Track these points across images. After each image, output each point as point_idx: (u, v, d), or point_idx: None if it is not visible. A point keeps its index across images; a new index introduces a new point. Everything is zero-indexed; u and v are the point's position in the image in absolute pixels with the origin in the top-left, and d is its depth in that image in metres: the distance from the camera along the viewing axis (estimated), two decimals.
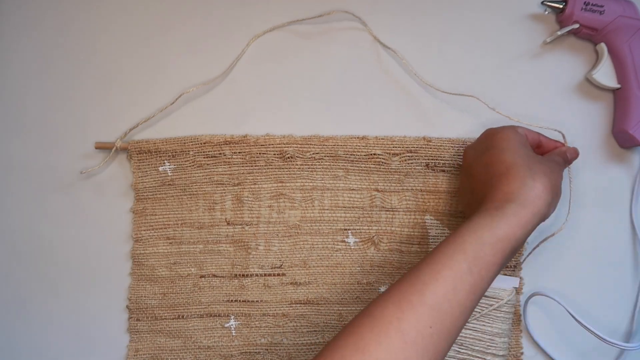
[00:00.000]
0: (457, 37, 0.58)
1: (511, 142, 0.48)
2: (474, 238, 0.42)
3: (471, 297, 0.41)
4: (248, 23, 0.59)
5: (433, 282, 0.40)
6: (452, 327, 0.40)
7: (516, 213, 0.43)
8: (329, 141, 0.56)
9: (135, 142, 0.57)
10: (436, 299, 0.39)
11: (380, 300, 0.40)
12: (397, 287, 0.41)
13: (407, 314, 0.39)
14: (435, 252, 0.42)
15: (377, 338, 0.38)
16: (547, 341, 0.57)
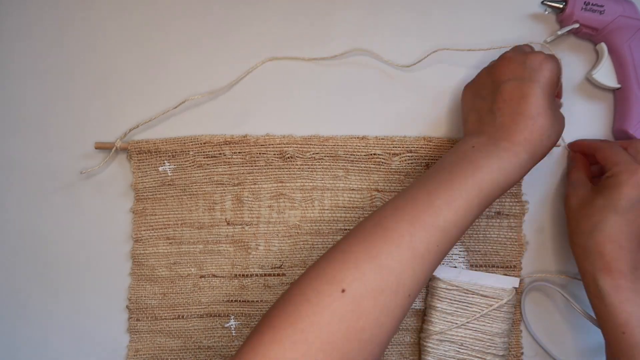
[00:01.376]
0: (457, 37, 0.58)
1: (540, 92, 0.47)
2: (490, 179, 0.44)
3: (471, 223, 0.44)
4: (249, 22, 0.59)
5: (447, 208, 0.42)
6: (452, 246, 0.44)
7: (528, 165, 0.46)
8: (329, 141, 0.56)
9: (135, 142, 0.57)
10: (447, 224, 0.42)
11: (394, 214, 0.43)
12: (412, 204, 0.43)
13: (419, 232, 0.41)
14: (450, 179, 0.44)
15: (389, 248, 0.41)
16: (545, 337, 0.57)
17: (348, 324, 0.38)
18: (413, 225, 0.42)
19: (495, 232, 0.57)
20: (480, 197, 0.43)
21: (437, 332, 0.55)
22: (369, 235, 0.42)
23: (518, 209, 0.57)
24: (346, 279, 0.39)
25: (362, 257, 0.40)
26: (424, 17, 0.59)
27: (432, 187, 0.44)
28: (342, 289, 0.39)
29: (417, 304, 0.57)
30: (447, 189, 0.43)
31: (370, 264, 0.40)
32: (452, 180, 0.44)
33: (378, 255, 0.40)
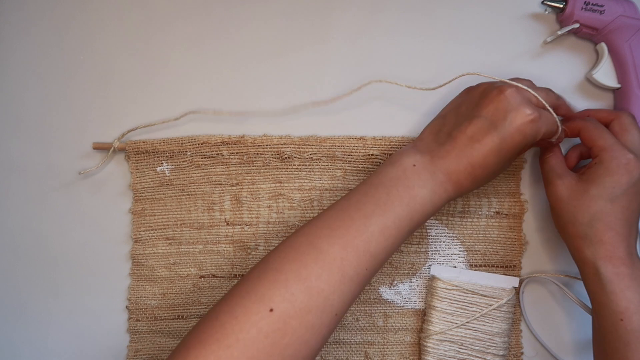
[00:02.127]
0: (457, 36, 0.58)
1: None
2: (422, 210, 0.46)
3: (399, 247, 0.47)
4: (249, 22, 0.59)
5: (379, 236, 0.44)
6: (378, 269, 0.46)
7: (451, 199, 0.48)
8: (326, 141, 0.56)
9: (133, 142, 0.57)
10: (378, 249, 0.44)
11: (325, 235, 0.44)
12: (345, 226, 0.44)
13: (351, 256, 0.43)
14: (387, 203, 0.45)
15: (320, 271, 0.42)
16: (546, 336, 0.57)
17: (273, 341, 0.39)
18: (345, 250, 0.43)
19: (495, 231, 0.57)
20: (411, 225, 0.46)
21: (437, 332, 0.55)
22: (301, 255, 0.43)
23: (518, 209, 0.57)
24: (275, 299, 0.40)
25: (293, 277, 0.41)
26: (424, 17, 0.58)
27: (369, 210, 0.45)
28: (270, 309, 0.40)
29: (417, 304, 0.57)
30: (382, 214, 0.45)
31: (300, 285, 0.41)
32: (389, 205, 0.45)
33: (308, 277, 0.41)
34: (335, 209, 0.46)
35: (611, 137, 0.49)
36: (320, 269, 0.42)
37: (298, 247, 0.44)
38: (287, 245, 0.44)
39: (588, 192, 0.48)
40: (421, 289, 0.57)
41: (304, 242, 0.44)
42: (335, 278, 0.42)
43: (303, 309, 0.40)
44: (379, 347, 0.57)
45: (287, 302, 0.40)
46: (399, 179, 0.46)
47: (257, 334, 0.39)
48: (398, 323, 0.57)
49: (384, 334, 0.57)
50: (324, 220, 0.45)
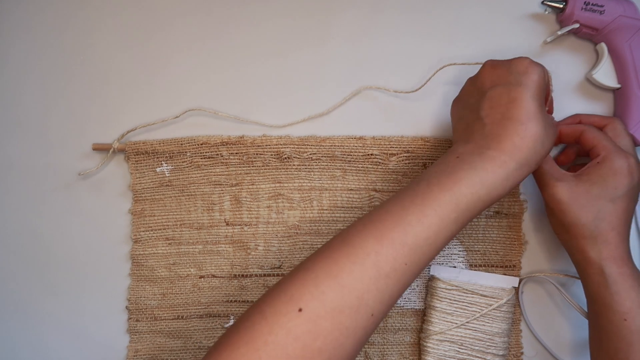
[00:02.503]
0: (457, 36, 0.58)
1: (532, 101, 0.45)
2: (470, 192, 0.41)
3: (449, 241, 0.42)
4: (249, 22, 0.59)
5: (418, 225, 0.40)
6: (425, 264, 0.41)
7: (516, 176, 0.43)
8: (326, 141, 0.56)
9: (133, 143, 0.57)
10: (418, 241, 0.40)
11: (361, 231, 0.41)
12: (380, 220, 0.41)
13: (386, 249, 0.39)
14: (426, 192, 0.42)
15: (352, 266, 0.39)
16: (545, 335, 0.57)
17: (304, 344, 0.37)
18: (380, 243, 0.40)
19: (495, 231, 0.57)
20: (458, 212, 0.41)
21: (437, 332, 0.55)
22: (333, 252, 0.40)
23: (517, 208, 0.57)
24: (304, 298, 0.38)
25: (323, 275, 0.39)
26: (424, 17, 0.58)
27: (407, 202, 0.42)
28: (299, 308, 0.37)
29: (417, 304, 0.57)
30: (420, 203, 0.41)
31: (330, 283, 0.38)
32: (428, 194, 0.42)
33: (339, 274, 0.39)
34: (376, 208, 0.43)
35: (612, 141, 0.50)
36: (352, 264, 0.39)
37: (332, 244, 0.41)
38: (323, 246, 0.42)
39: (590, 192, 0.48)
40: (421, 289, 0.57)
41: (338, 240, 0.42)
42: (369, 274, 0.39)
43: (335, 309, 0.38)
44: (379, 347, 0.57)
45: (317, 300, 0.38)
46: (442, 172, 0.43)
47: (286, 336, 0.37)
48: (398, 323, 0.57)
49: (383, 334, 0.57)
50: (361, 219, 0.43)
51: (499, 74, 0.46)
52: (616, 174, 0.48)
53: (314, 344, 0.37)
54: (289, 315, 0.37)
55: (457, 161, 0.43)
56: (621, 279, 0.47)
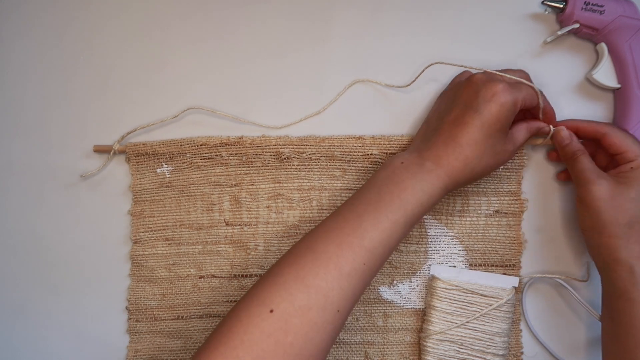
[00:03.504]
0: (457, 37, 0.58)
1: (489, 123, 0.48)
2: (414, 200, 0.47)
3: (400, 241, 0.47)
4: (249, 22, 0.59)
5: (373, 230, 0.45)
6: (382, 262, 0.47)
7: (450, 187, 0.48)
8: (325, 141, 0.56)
9: (133, 144, 0.57)
10: (373, 244, 0.45)
11: (322, 237, 0.46)
12: (339, 227, 0.46)
13: (346, 252, 0.44)
14: (378, 200, 0.47)
15: (317, 270, 0.43)
16: (545, 335, 0.57)
17: (276, 340, 0.41)
18: (340, 247, 0.44)
19: (494, 230, 0.57)
20: (406, 217, 0.46)
21: (437, 331, 0.55)
22: (299, 258, 0.45)
23: (517, 207, 0.57)
24: (275, 300, 0.42)
25: (291, 278, 0.43)
26: (424, 18, 0.58)
27: (361, 209, 0.47)
28: (271, 310, 0.42)
29: (417, 304, 0.57)
30: (373, 211, 0.46)
31: (298, 285, 0.43)
32: (379, 202, 0.47)
33: (306, 276, 0.43)
34: (332, 215, 0.48)
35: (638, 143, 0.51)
36: (317, 267, 0.44)
37: (297, 251, 0.46)
38: (288, 252, 0.47)
39: (627, 194, 0.49)
40: (421, 289, 0.57)
41: (303, 247, 0.46)
42: (332, 275, 0.43)
43: (303, 307, 0.42)
44: (379, 347, 0.57)
45: (287, 302, 0.42)
46: (388, 178, 0.48)
47: (260, 334, 0.41)
48: (398, 323, 0.57)
49: (383, 333, 0.57)
50: (321, 226, 0.47)
51: (470, 94, 0.49)
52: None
53: (286, 339, 0.41)
54: (261, 316, 0.42)
55: (401, 168, 0.48)
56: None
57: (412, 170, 0.48)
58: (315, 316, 0.42)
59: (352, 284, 0.44)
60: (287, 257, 0.46)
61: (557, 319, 0.57)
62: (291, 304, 0.42)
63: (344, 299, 0.44)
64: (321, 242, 0.45)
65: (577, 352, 0.57)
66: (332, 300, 0.43)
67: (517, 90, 0.49)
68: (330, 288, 0.43)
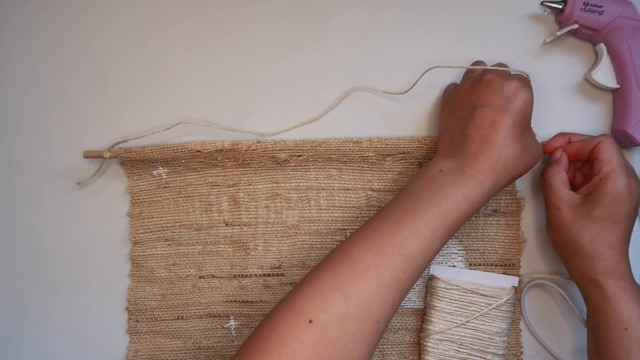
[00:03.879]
0: (456, 37, 0.58)
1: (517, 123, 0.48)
2: (455, 208, 0.45)
3: (439, 250, 0.46)
4: (249, 23, 0.59)
5: (413, 238, 0.44)
6: (421, 272, 0.45)
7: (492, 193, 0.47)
8: (322, 146, 0.56)
9: (124, 150, 0.56)
10: (413, 252, 0.44)
11: (360, 244, 0.44)
12: (377, 234, 0.44)
13: (385, 261, 0.43)
14: (416, 207, 0.45)
15: (354, 278, 0.42)
16: (545, 335, 0.58)
17: (315, 353, 0.39)
18: (378, 255, 0.43)
19: (494, 230, 0.57)
20: (446, 225, 0.45)
21: (436, 331, 0.55)
22: (336, 266, 0.43)
23: (515, 207, 0.57)
24: (312, 310, 0.41)
25: (328, 287, 0.42)
26: (424, 18, 0.58)
27: (399, 217, 0.45)
28: (310, 320, 0.40)
29: (417, 304, 0.57)
30: (413, 219, 0.44)
31: (335, 294, 0.41)
32: (418, 209, 0.45)
33: (343, 286, 0.42)
34: (367, 222, 0.47)
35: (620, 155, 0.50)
36: (355, 276, 0.42)
37: (333, 258, 0.44)
38: (325, 260, 0.45)
39: (592, 213, 0.49)
40: (420, 289, 0.57)
41: (339, 254, 0.44)
42: (371, 284, 0.42)
43: (341, 317, 0.40)
44: (379, 347, 0.57)
45: (325, 312, 0.40)
46: (427, 186, 0.47)
47: (299, 347, 0.39)
48: (398, 323, 0.57)
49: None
50: (358, 233, 0.46)
51: (490, 94, 0.48)
52: (618, 194, 0.49)
53: (324, 352, 0.39)
54: (299, 327, 0.40)
55: (440, 176, 0.47)
56: (620, 292, 0.48)
57: (452, 177, 0.46)
58: (354, 327, 0.41)
59: (392, 294, 0.43)
60: (323, 265, 0.44)
61: (557, 318, 0.57)
62: (329, 315, 0.40)
63: (383, 309, 0.42)
64: (357, 249, 0.44)
65: (577, 351, 0.57)
66: (371, 311, 0.41)
67: (525, 82, 0.49)
68: (369, 298, 0.41)
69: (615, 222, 0.49)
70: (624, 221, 0.49)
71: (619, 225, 0.49)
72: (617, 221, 0.49)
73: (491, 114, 0.47)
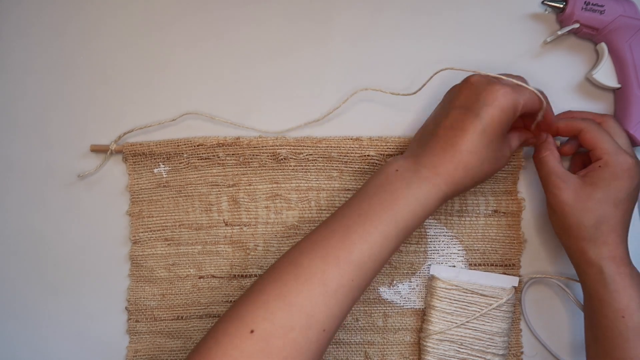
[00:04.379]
0: (457, 37, 0.58)
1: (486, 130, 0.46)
2: (407, 210, 0.44)
3: (391, 255, 0.45)
4: (249, 22, 0.58)
5: (362, 242, 0.43)
6: (371, 278, 0.44)
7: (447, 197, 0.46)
8: (322, 142, 0.56)
9: (130, 144, 0.57)
10: (362, 258, 0.42)
11: (307, 251, 0.43)
12: (325, 239, 0.43)
13: (331, 267, 0.42)
14: (369, 211, 0.44)
15: (300, 287, 0.41)
16: (545, 335, 0.57)
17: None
18: (325, 261, 0.42)
19: (494, 230, 0.57)
20: (398, 229, 0.44)
21: (436, 331, 0.55)
22: (282, 274, 0.42)
23: (515, 207, 0.57)
24: (255, 319, 0.40)
25: (273, 297, 0.41)
26: (424, 18, 0.58)
27: (351, 220, 0.44)
28: (251, 330, 0.40)
29: (417, 304, 0.57)
30: (363, 222, 0.43)
31: (279, 303, 0.41)
32: (369, 212, 0.44)
33: (288, 294, 0.41)
34: (319, 227, 0.45)
35: (614, 141, 0.50)
36: (301, 285, 0.41)
37: (280, 266, 0.44)
38: (272, 267, 0.44)
39: (593, 195, 0.49)
40: (420, 289, 0.57)
41: (286, 261, 0.44)
42: (316, 292, 0.41)
43: (285, 326, 0.40)
44: (379, 347, 0.57)
45: (268, 321, 0.40)
46: (381, 186, 0.46)
47: (240, 355, 0.39)
48: (398, 323, 0.57)
49: (383, 333, 0.57)
50: (307, 238, 0.45)
51: (470, 96, 0.46)
52: (618, 178, 0.49)
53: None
54: (241, 337, 0.39)
55: (396, 176, 0.46)
56: (619, 278, 0.48)
57: (407, 178, 0.45)
58: (299, 336, 0.40)
59: (339, 302, 0.42)
60: (269, 274, 0.43)
61: (557, 318, 0.57)
62: (272, 324, 0.40)
63: (330, 317, 0.41)
64: (306, 256, 0.43)
65: (577, 351, 0.57)
66: (317, 319, 0.41)
67: (518, 94, 0.46)
68: (314, 306, 0.41)
69: (615, 205, 0.49)
70: (624, 204, 0.49)
71: (619, 208, 0.49)
72: (617, 204, 0.49)
73: (462, 116, 0.46)
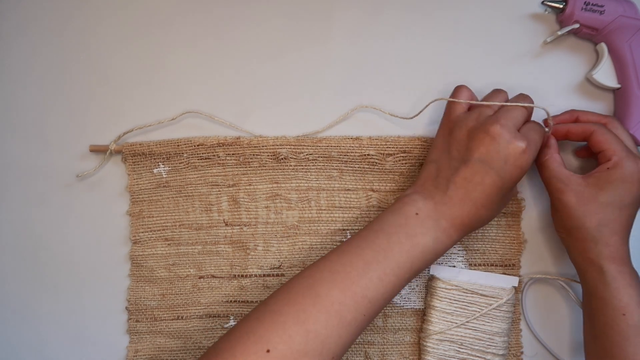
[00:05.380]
0: (456, 37, 0.58)
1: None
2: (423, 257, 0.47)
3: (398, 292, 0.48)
4: (249, 22, 0.58)
5: (379, 282, 0.45)
6: (377, 313, 0.46)
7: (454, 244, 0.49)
8: (322, 142, 0.56)
9: (130, 144, 0.57)
10: (377, 295, 0.45)
11: (327, 280, 0.45)
12: (347, 270, 0.45)
13: (349, 301, 0.44)
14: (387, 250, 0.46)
15: (318, 315, 0.43)
16: (545, 335, 0.57)
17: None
18: (344, 294, 0.44)
19: (494, 230, 0.57)
20: (411, 272, 0.46)
21: (436, 331, 0.55)
22: (300, 298, 0.44)
23: (515, 207, 0.57)
24: (272, 340, 0.41)
25: (291, 320, 0.42)
26: (424, 18, 0.58)
27: (369, 256, 0.46)
28: (267, 349, 0.41)
29: (417, 304, 0.57)
30: (383, 260, 0.45)
31: (297, 328, 0.42)
32: (389, 251, 0.46)
33: (307, 320, 0.42)
34: (336, 253, 0.47)
35: (623, 144, 0.50)
36: (319, 312, 0.43)
37: (298, 289, 0.45)
38: (288, 288, 0.45)
39: (598, 197, 0.49)
40: (420, 289, 0.57)
41: (304, 285, 0.45)
42: (333, 322, 0.43)
43: (300, 351, 0.41)
44: (379, 347, 0.57)
45: (284, 343, 0.41)
46: (400, 227, 0.47)
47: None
48: (398, 323, 0.57)
49: (383, 333, 0.57)
50: (324, 264, 0.46)
51: (491, 152, 0.46)
52: (626, 182, 0.49)
53: None
54: (257, 355, 0.41)
55: (416, 220, 0.47)
56: (620, 277, 0.48)
57: (427, 225, 0.47)
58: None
59: (350, 333, 0.44)
60: (285, 294, 0.45)
61: (557, 318, 0.57)
62: (288, 347, 0.41)
63: (340, 346, 0.43)
64: (324, 284, 0.44)
65: (577, 352, 0.57)
66: (329, 347, 0.43)
67: (532, 146, 0.47)
68: (329, 335, 0.43)
69: (620, 208, 0.49)
70: (628, 208, 0.49)
71: (623, 212, 0.49)
72: (622, 207, 0.49)
73: (483, 171, 0.46)
